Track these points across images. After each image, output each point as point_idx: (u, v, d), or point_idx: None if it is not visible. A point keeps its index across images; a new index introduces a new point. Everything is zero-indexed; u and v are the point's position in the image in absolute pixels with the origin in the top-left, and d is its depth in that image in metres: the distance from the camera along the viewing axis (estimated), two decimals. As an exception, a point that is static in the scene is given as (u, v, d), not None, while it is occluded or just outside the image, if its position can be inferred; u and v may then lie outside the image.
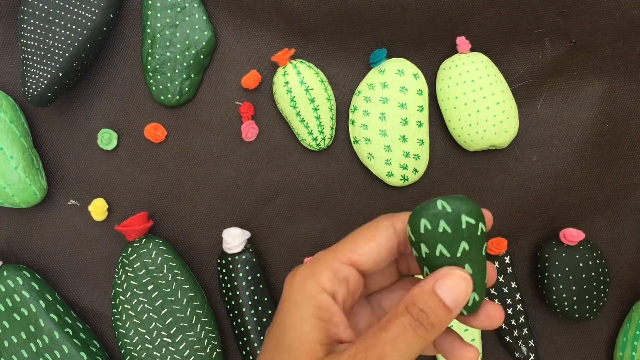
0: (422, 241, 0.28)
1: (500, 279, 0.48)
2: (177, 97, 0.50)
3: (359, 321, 0.33)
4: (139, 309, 0.47)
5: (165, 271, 0.47)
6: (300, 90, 0.48)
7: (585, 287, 0.48)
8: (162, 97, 0.50)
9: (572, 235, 0.48)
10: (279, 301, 0.31)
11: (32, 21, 0.46)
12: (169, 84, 0.49)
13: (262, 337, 0.47)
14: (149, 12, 0.49)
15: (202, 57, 0.50)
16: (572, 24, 0.50)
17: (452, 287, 0.28)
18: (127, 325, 0.47)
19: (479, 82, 0.48)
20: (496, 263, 0.48)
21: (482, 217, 0.28)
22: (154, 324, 0.47)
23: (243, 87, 0.50)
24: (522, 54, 0.51)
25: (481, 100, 0.47)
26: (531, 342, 0.49)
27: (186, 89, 0.50)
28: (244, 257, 0.48)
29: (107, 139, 0.49)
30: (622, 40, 0.50)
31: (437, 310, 0.28)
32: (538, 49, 0.51)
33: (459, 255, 0.28)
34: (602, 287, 0.49)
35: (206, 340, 0.47)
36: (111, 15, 0.47)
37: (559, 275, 0.48)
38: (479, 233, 0.28)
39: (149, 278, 0.47)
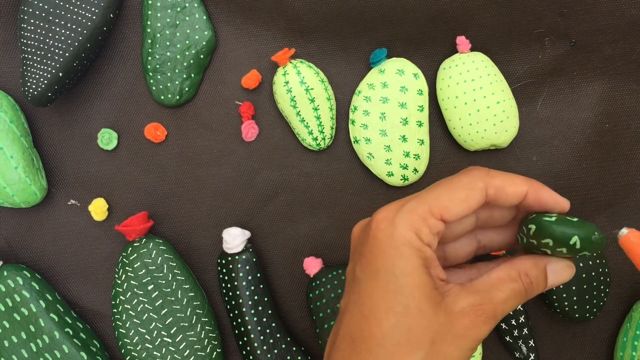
0: (553, 239, 0.30)
1: (501, 279, 0.48)
2: (177, 97, 0.50)
3: None
4: (139, 309, 0.47)
5: (165, 271, 0.47)
6: (301, 90, 0.48)
7: (585, 287, 0.48)
8: (162, 97, 0.50)
9: (572, 235, 0.48)
10: (368, 245, 0.32)
11: (32, 21, 0.46)
12: (169, 84, 0.49)
13: (262, 337, 0.47)
14: (149, 12, 0.49)
15: (202, 57, 0.50)
16: (572, 24, 0.50)
17: (559, 270, 0.32)
18: (127, 325, 0.47)
19: (479, 82, 0.48)
20: (496, 263, 0.48)
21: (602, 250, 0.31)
22: (154, 324, 0.47)
23: (243, 87, 0.50)
24: (522, 53, 0.51)
25: (481, 99, 0.47)
26: (531, 342, 0.49)
27: (186, 89, 0.50)
28: (244, 257, 0.48)
29: (107, 139, 0.49)
30: (622, 40, 0.50)
31: (540, 285, 0.32)
32: (538, 48, 0.51)
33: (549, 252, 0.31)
34: (602, 287, 0.49)
35: (206, 340, 0.47)
36: (111, 15, 0.47)
37: (559, 275, 0.48)
38: (580, 254, 0.31)
39: (149, 278, 0.47)
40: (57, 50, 0.45)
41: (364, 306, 0.31)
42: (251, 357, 0.47)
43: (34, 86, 0.45)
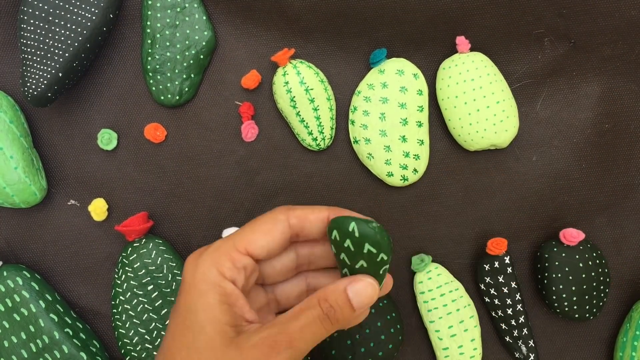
0: (332, 244, 0.33)
1: (500, 279, 0.48)
2: (177, 97, 0.50)
3: (254, 302, 0.36)
4: (138, 309, 0.47)
5: (165, 271, 0.47)
6: (300, 90, 0.48)
7: (585, 287, 0.48)
8: (162, 97, 0.50)
9: (572, 236, 0.48)
10: (180, 285, 0.34)
11: (32, 21, 0.46)
12: (169, 84, 0.49)
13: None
14: (149, 12, 0.49)
15: (202, 57, 0.50)
16: (572, 24, 0.50)
17: (360, 291, 0.32)
18: (127, 326, 0.47)
19: (479, 82, 0.48)
20: (496, 263, 0.48)
21: (386, 249, 0.32)
22: (153, 324, 0.47)
23: (243, 87, 0.50)
24: (521, 54, 0.51)
25: (481, 99, 0.47)
26: (531, 342, 0.49)
27: (186, 89, 0.50)
28: (244, 257, 0.48)
29: (107, 139, 0.49)
30: (621, 40, 0.50)
31: (344, 308, 0.32)
32: (537, 49, 0.51)
33: (357, 267, 0.33)
34: (602, 287, 0.49)
35: (206, 340, 0.47)
36: (111, 15, 0.47)
37: (559, 275, 0.48)
38: (378, 259, 0.32)
39: (149, 278, 0.47)
40: (57, 51, 0.45)
41: (165, 342, 0.33)
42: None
43: (33, 86, 0.45)
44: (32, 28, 0.46)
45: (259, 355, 0.30)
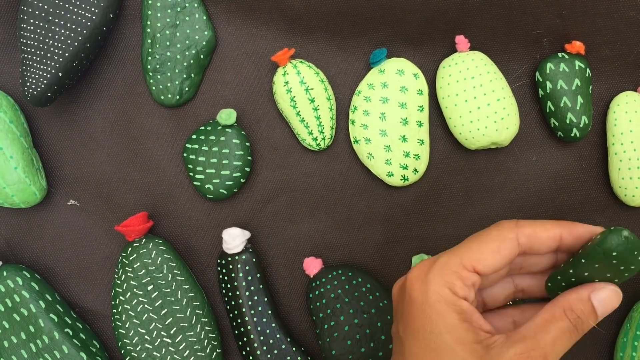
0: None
1: (501, 279, 0.48)
2: (177, 97, 0.50)
3: None
4: (139, 309, 0.46)
5: (165, 271, 0.47)
6: (300, 90, 0.48)
7: (585, 287, 0.48)
8: (162, 97, 0.50)
9: (571, 235, 0.48)
10: (406, 304, 0.33)
11: (31, 21, 0.46)
12: (169, 84, 0.49)
13: (262, 337, 0.47)
14: (149, 12, 0.49)
15: (202, 57, 0.50)
16: (571, 25, 0.50)
17: (605, 299, 0.31)
18: (127, 326, 0.47)
19: (479, 79, 0.48)
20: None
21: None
22: (154, 324, 0.46)
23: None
24: (520, 54, 0.51)
25: (482, 97, 0.47)
26: (531, 342, 0.49)
27: (186, 89, 0.50)
28: (244, 257, 0.48)
29: (227, 114, 0.48)
30: (620, 41, 0.51)
31: (590, 317, 0.31)
32: (536, 49, 0.51)
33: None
34: (602, 287, 0.49)
35: (206, 340, 0.47)
36: (111, 15, 0.47)
37: (559, 275, 0.48)
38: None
39: (149, 278, 0.47)
40: (56, 50, 0.45)
41: None
42: (251, 358, 0.47)
43: (33, 86, 0.45)
44: (31, 28, 0.46)
45: None
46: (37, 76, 0.45)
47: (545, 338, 0.30)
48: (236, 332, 0.48)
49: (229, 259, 0.48)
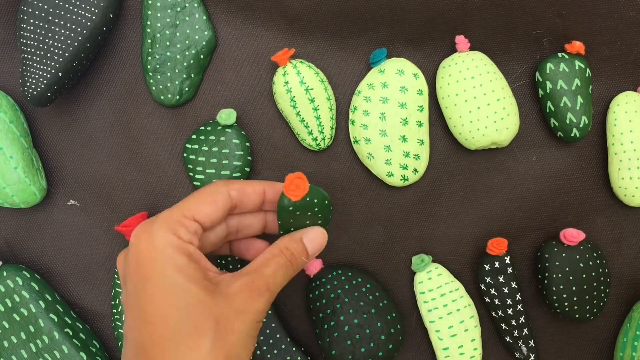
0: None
1: (501, 279, 0.48)
2: (177, 97, 0.50)
3: None
4: (138, 309, 0.46)
5: (165, 271, 0.47)
6: (300, 90, 0.48)
7: (585, 287, 0.48)
8: (162, 97, 0.50)
9: (572, 236, 0.48)
10: (133, 262, 0.34)
11: (32, 21, 0.46)
12: (169, 84, 0.49)
13: (262, 337, 0.47)
14: (149, 12, 0.49)
15: (202, 57, 0.50)
16: (571, 25, 0.50)
17: (313, 239, 0.39)
18: (126, 326, 0.46)
19: (479, 79, 0.48)
20: (496, 263, 0.48)
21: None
22: (153, 324, 0.46)
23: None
24: (520, 54, 0.51)
25: (481, 96, 0.47)
26: (531, 343, 0.49)
27: (186, 89, 0.50)
28: (244, 257, 0.48)
29: (226, 114, 0.49)
30: (619, 41, 0.51)
31: (302, 253, 0.38)
32: (536, 49, 0.51)
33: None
34: (602, 287, 0.49)
35: (206, 340, 0.47)
36: (111, 15, 0.47)
37: (559, 275, 0.48)
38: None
39: (149, 278, 0.47)
40: (56, 50, 0.45)
41: (148, 314, 0.33)
42: (251, 357, 0.47)
43: (33, 86, 0.45)
44: (31, 28, 0.46)
45: (245, 298, 0.34)
46: (37, 76, 0.45)
47: (267, 271, 0.36)
48: (236, 332, 0.48)
49: (229, 258, 0.48)
